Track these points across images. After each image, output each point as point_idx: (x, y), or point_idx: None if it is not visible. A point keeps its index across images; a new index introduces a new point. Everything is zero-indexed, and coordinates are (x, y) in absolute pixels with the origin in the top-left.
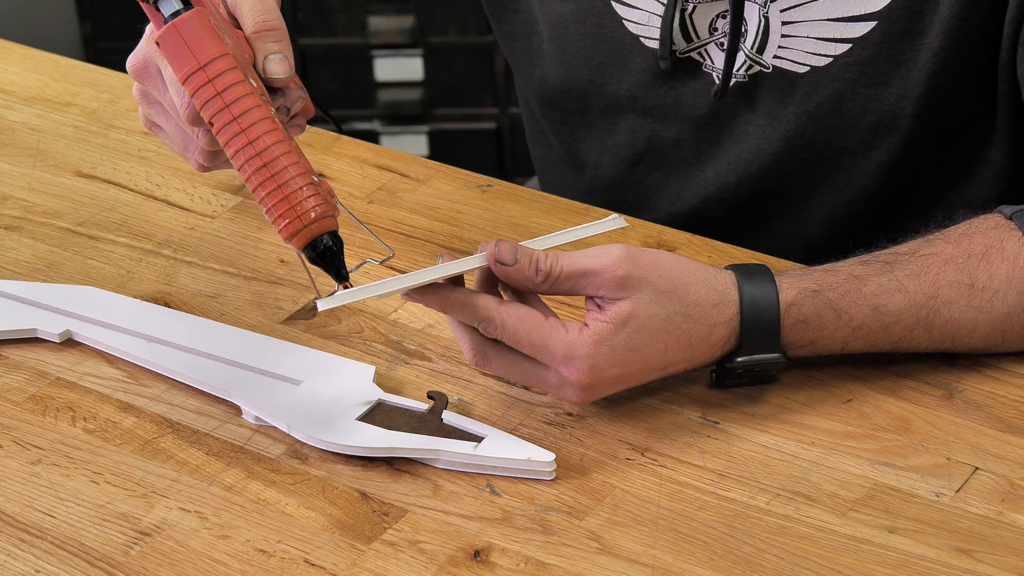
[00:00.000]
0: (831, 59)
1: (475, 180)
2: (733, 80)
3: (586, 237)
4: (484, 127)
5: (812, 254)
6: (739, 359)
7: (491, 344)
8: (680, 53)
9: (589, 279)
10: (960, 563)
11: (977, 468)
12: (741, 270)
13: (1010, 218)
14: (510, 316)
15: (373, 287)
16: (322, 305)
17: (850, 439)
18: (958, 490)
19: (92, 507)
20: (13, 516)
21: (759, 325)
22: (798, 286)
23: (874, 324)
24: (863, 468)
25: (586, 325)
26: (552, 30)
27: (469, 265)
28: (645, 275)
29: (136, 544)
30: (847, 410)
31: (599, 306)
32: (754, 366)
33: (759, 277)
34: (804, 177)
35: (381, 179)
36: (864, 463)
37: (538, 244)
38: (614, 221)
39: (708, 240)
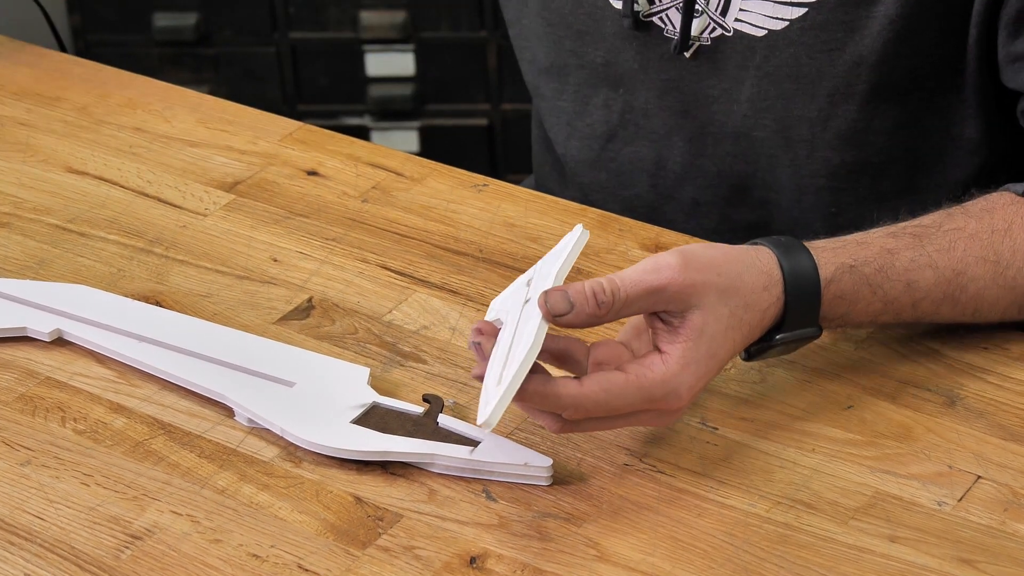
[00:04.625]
0: (787, 23)
1: (470, 179)
2: (697, 43)
3: (572, 262)
4: (476, 123)
5: (791, 224)
6: (779, 336)
7: None
8: (643, 16)
9: (656, 297)
10: (962, 573)
11: (979, 477)
12: (776, 245)
13: (1023, 195)
14: (597, 394)
15: (502, 398)
16: (483, 422)
17: (851, 446)
18: (960, 499)
19: (82, 509)
20: (2, 518)
21: (802, 303)
22: (835, 262)
23: (905, 300)
24: (864, 476)
25: (663, 352)
26: (540, 2)
27: (540, 338)
28: (707, 278)
29: (127, 548)
30: (848, 417)
31: (665, 321)
32: (791, 341)
33: (796, 252)
34: (770, 146)
35: (375, 177)
36: (865, 471)
37: (531, 287)
38: (582, 234)
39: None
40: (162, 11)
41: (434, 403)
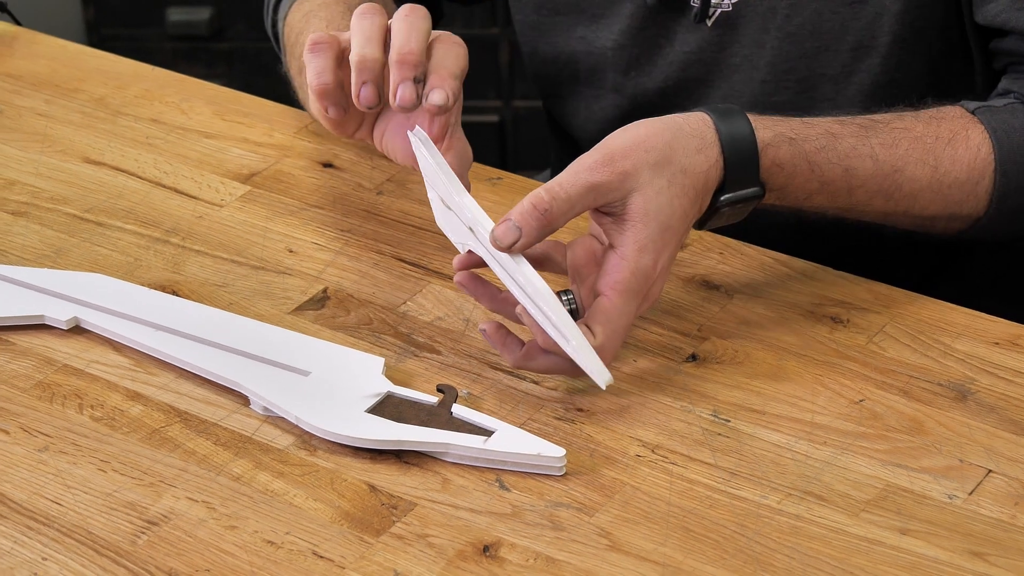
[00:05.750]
0: None
1: (485, 173)
2: (719, 11)
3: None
4: (487, 120)
5: None
6: (723, 197)
7: None
8: None
9: (596, 193)
10: (973, 566)
11: (990, 471)
12: (713, 111)
13: (973, 112)
14: (606, 330)
15: (587, 353)
16: (606, 383)
17: (862, 439)
18: (971, 492)
19: (99, 495)
20: (20, 503)
21: (740, 162)
22: (775, 129)
23: (841, 184)
24: (875, 469)
25: (616, 247)
26: None
27: (538, 279)
28: (636, 161)
29: (143, 533)
30: (859, 410)
31: (609, 213)
32: (737, 202)
33: (733, 116)
34: (791, 109)
35: (390, 169)
36: (876, 464)
37: (467, 221)
38: (420, 135)
39: (717, 236)
40: (176, 5)
41: (448, 393)
